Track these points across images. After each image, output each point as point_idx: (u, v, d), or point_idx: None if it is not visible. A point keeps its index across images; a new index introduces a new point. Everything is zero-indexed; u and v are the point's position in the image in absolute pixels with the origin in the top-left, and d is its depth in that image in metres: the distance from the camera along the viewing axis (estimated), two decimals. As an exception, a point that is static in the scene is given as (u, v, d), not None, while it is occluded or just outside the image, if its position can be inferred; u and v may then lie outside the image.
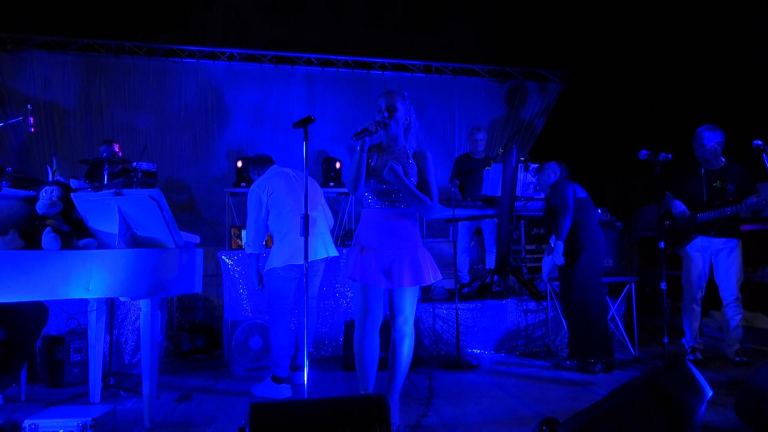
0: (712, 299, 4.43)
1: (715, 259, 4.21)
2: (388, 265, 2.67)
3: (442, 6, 8.34)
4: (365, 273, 2.64)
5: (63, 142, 6.42)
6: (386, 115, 2.75)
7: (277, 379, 3.43)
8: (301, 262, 3.18)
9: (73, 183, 4.50)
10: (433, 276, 2.72)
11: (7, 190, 3.05)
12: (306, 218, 2.73)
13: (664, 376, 2.46)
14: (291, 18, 8.08)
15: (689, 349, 4.28)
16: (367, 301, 2.69)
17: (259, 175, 3.74)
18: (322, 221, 3.70)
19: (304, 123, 2.74)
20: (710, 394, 2.43)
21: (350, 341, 4.05)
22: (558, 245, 3.97)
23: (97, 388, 3.40)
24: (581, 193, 4.12)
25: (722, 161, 4.22)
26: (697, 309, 4.30)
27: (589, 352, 3.93)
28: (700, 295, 4.29)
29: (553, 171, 4.29)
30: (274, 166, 3.81)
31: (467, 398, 3.42)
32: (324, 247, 3.62)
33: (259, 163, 3.84)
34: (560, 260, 3.97)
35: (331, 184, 6.03)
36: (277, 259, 3.49)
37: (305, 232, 2.72)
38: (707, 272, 4.27)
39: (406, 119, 2.81)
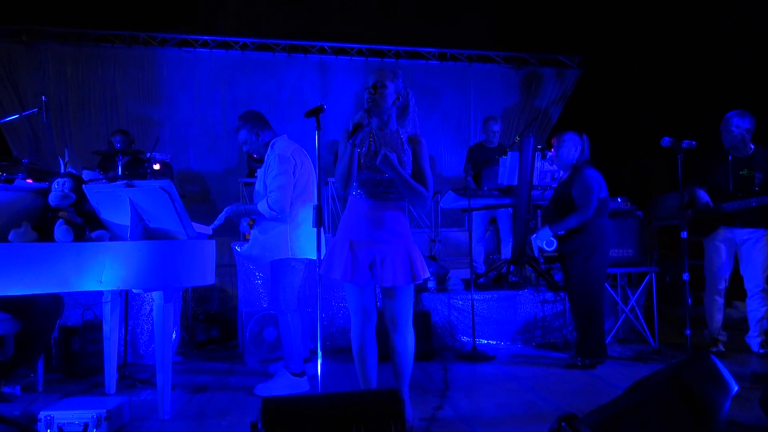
0: (735, 290, 4.32)
1: (740, 250, 4.09)
2: (380, 261, 2.48)
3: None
4: (358, 273, 2.48)
5: (77, 133, 6.46)
6: (372, 92, 2.51)
7: (294, 374, 3.39)
8: (315, 257, 3.05)
9: (86, 174, 4.51)
10: (423, 273, 2.55)
11: (20, 183, 3.05)
12: (319, 209, 2.68)
13: (687, 371, 2.38)
14: (303, 7, 8.00)
15: (711, 341, 4.17)
16: (364, 300, 2.56)
17: (259, 137, 3.40)
18: None
19: (316, 112, 2.66)
20: (736, 388, 2.34)
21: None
22: (545, 231, 3.82)
23: (113, 379, 3.42)
24: (604, 191, 3.88)
25: (751, 148, 4.08)
26: (720, 300, 4.19)
27: (591, 352, 3.83)
28: (723, 285, 4.17)
29: (574, 145, 3.95)
30: (288, 139, 3.48)
31: (483, 391, 3.37)
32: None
33: (260, 122, 3.43)
34: (551, 244, 3.81)
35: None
36: (294, 249, 3.33)
37: (318, 223, 2.65)
38: (731, 263, 4.15)
39: (398, 98, 2.56)
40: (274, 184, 3.25)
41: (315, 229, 2.60)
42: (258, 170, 3.53)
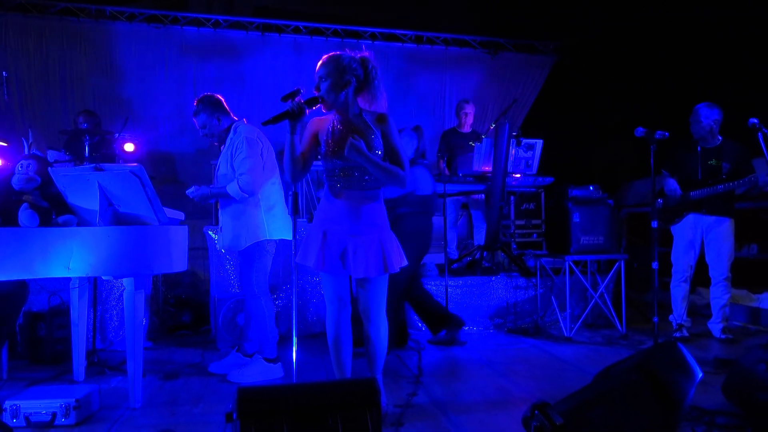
0: (700, 276, 4.45)
1: (707, 238, 4.21)
2: (351, 252, 2.44)
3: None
4: (329, 262, 2.45)
5: (41, 111, 6.21)
6: (319, 87, 2.44)
7: (269, 360, 3.39)
8: (290, 237, 3.03)
9: (51, 154, 4.38)
10: (398, 263, 2.52)
11: (-19, 165, 2.92)
12: (295, 196, 2.64)
13: (654, 358, 2.45)
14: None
15: (676, 326, 4.31)
16: (339, 289, 2.55)
17: (220, 122, 3.37)
18: None
19: (292, 96, 2.57)
20: (700, 375, 2.42)
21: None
22: None
23: (81, 366, 3.35)
24: (429, 189, 3.90)
25: (719, 139, 4.18)
26: (686, 286, 4.32)
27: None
28: (689, 273, 4.30)
29: (409, 141, 3.91)
30: (249, 124, 3.45)
31: (457, 376, 3.41)
32: None
33: (220, 107, 3.41)
34: None
35: (319, 157, 5.92)
36: (270, 231, 3.31)
37: (294, 211, 2.63)
38: (697, 250, 4.27)
39: (348, 83, 2.43)
40: (244, 166, 3.21)
41: (288, 210, 2.58)
42: (221, 154, 3.43)
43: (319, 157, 2.58)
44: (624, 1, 6.74)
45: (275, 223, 3.35)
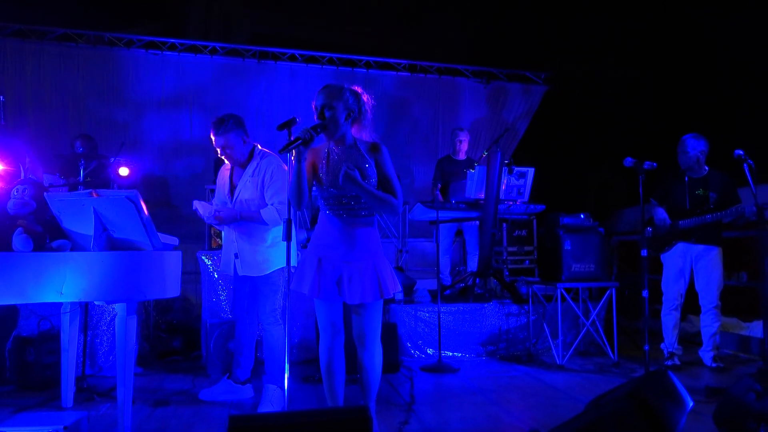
0: (690, 304, 4.48)
1: (696, 266, 4.25)
2: (347, 278, 2.47)
3: (427, 4, 8.31)
4: (326, 290, 2.46)
5: (37, 135, 6.23)
6: (324, 115, 2.47)
7: (239, 381, 3.44)
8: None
9: (47, 178, 4.39)
10: (392, 288, 2.54)
11: (-23, 189, 2.93)
12: (289, 223, 2.66)
13: (646, 387, 2.46)
14: (273, 12, 7.97)
15: (667, 354, 4.32)
16: (332, 316, 2.54)
17: (245, 143, 3.33)
18: None
19: (288, 125, 2.58)
20: (691, 404, 2.43)
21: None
22: None
23: (70, 392, 3.31)
24: None
25: (705, 170, 4.26)
26: (677, 315, 4.35)
27: None
28: (679, 301, 4.33)
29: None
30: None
31: (449, 404, 3.40)
32: None
33: (246, 130, 3.36)
34: None
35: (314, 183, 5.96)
36: (286, 259, 3.32)
37: (288, 237, 2.64)
38: (687, 279, 4.31)
39: (349, 114, 2.50)
40: (283, 194, 3.25)
41: (283, 236, 2.60)
42: (243, 177, 3.39)
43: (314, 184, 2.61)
44: (614, 33, 6.93)
45: (294, 250, 3.35)
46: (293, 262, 3.22)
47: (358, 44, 7.49)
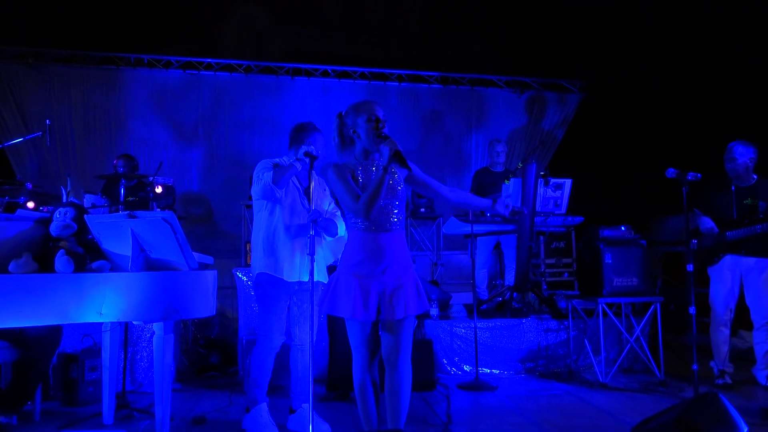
0: (741, 318, 4.27)
1: (746, 280, 4.05)
2: (389, 293, 2.42)
3: (458, 16, 8.27)
4: (369, 308, 2.41)
5: (81, 156, 6.47)
6: (382, 126, 2.49)
7: None
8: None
9: (88, 198, 4.52)
10: (427, 301, 2.54)
11: (22, 212, 3.04)
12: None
13: (695, 412, 2.34)
14: (304, 28, 8.06)
15: (717, 373, 4.12)
16: (368, 336, 2.48)
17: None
18: None
19: (308, 156, 2.95)
20: (746, 429, 2.31)
21: (337, 362, 3.92)
22: None
23: (111, 409, 3.37)
24: None
25: (754, 178, 4.08)
26: (726, 331, 4.15)
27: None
28: (728, 316, 4.13)
29: None
30: None
31: (487, 425, 3.31)
32: None
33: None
34: None
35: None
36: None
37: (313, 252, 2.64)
38: (737, 293, 4.12)
39: None
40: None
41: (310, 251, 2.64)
42: (320, 189, 3.40)
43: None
44: (652, 37, 6.74)
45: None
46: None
47: (390, 57, 7.50)
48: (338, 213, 3.32)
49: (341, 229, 3.25)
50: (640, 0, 6.75)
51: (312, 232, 2.84)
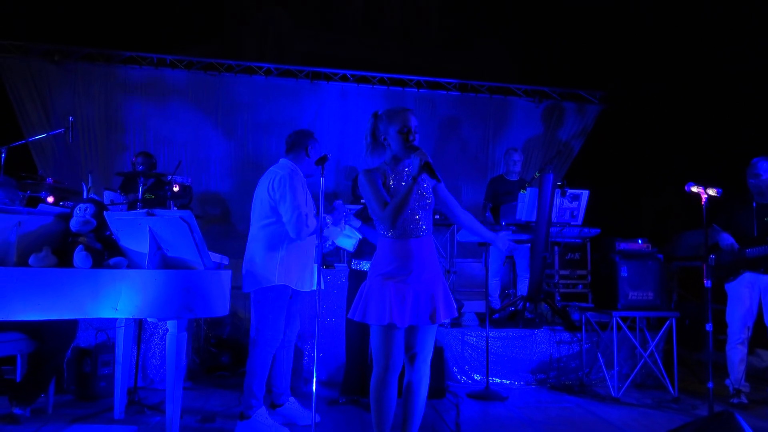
0: (759, 337, 4.20)
1: (765, 298, 3.98)
2: (423, 300, 2.43)
3: (477, 23, 8.27)
4: (404, 313, 2.38)
5: (102, 153, 6.55)
6: (413, 137, 2.49)
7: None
8: None
9: (107, 195, 4.58)
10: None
11: (43, 207, 3.08)
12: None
13: (711, 431, 2.31)
14: (324, 33, 8.12)
15: (733, 391, 4.04)
16: (395, 344, 2.43)
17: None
18: None
19: (322, 161, 3.00)
20: (761, 451, 2.26)
21: (355, 366, 3.80)
22: None
23: (122, 404, 3.41)
24: None
25: (777, 195, 4.01)
26: (743, 350, 4.07)
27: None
28: (746, 334, 4.06)
29: None
30: None
31: (496, 435, 3.29)
32: None
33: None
34: None
35: (362, 200, 5.99)
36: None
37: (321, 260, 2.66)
38: (755, 311, 4.04)
39: None
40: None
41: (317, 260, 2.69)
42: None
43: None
44: (675, 49, 6.67)
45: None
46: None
47: (408, 63, 7.51)
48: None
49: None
50: (664, 11, 6.69)
51: (321, 239, 2.95)
